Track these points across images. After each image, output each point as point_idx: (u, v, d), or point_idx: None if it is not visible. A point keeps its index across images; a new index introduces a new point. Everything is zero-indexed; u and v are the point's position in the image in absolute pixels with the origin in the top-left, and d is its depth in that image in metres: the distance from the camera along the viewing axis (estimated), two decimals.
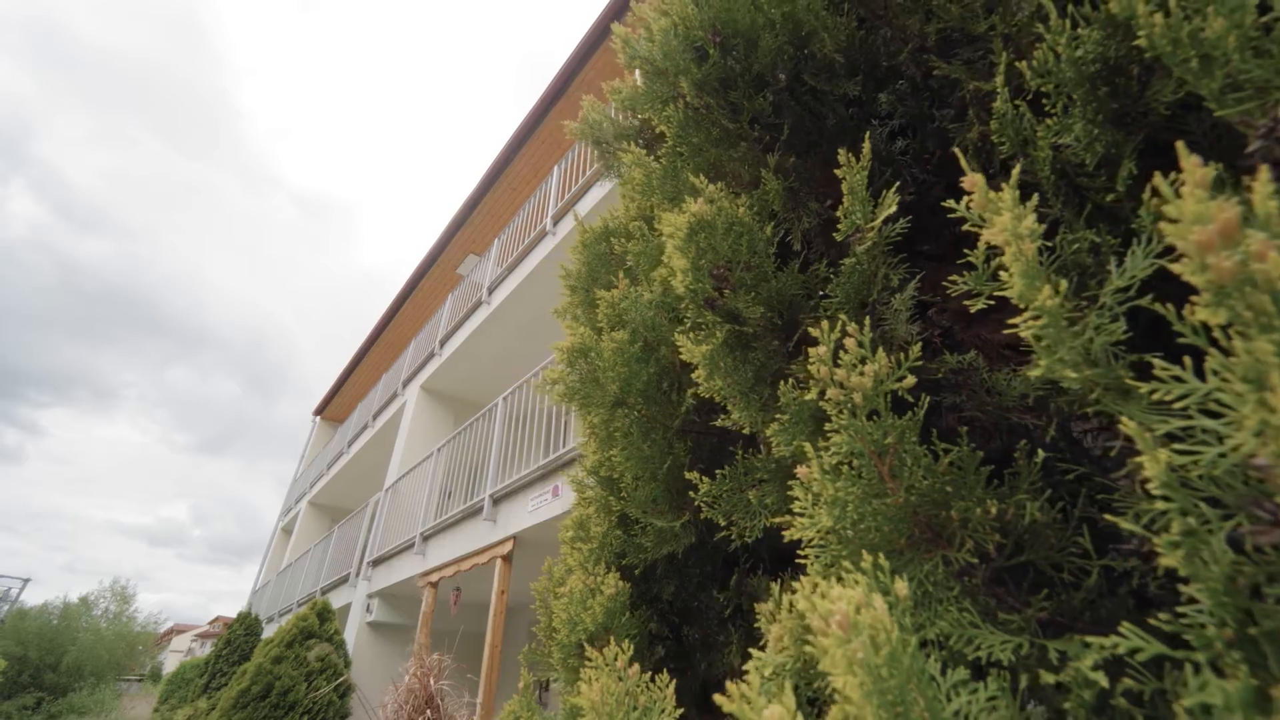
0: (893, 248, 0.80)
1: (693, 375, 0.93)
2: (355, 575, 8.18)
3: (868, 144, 0.77)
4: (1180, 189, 0.35)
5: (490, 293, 8.39)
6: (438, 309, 10.25)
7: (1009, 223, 0.46)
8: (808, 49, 1.09)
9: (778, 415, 0.75)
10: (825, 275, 0.91)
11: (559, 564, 1.56)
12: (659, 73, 1.08)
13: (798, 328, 0.90)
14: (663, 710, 0.84)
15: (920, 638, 0.51)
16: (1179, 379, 0.41)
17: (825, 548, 0.61)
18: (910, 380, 0.64)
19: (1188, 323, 0.40)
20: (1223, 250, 0.35)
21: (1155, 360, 0.50)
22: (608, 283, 1.66)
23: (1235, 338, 0.37)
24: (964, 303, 1.06)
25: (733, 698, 0.40)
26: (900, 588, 0.48)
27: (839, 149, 1.16)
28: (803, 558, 1.25)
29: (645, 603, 1.33)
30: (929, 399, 0.64)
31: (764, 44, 1.07)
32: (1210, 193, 0.36)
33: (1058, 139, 0.62)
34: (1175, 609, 0.53)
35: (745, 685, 0.41)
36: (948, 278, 1.02)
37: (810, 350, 0.63)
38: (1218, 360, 0.38)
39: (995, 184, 0.89)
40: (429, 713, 4.40)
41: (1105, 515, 0.53)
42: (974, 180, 0.52)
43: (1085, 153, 0.61)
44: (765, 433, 0.85)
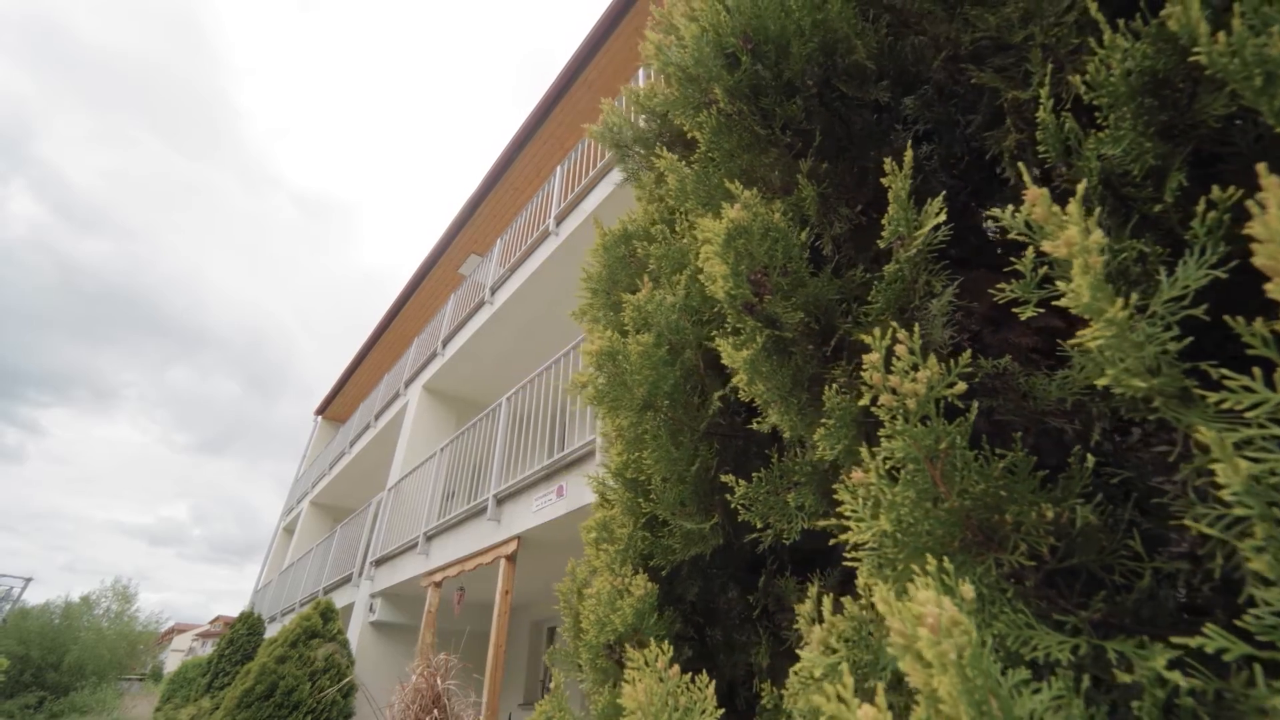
0: (936, 254, 0.82)
1: (734, 380, 0.94)
2: (358, 575, 8.19)
3: (909, 151, 0.78)
4: (1267, 208, 0.37)
5: (493, 293, 8.40)
6: (440, 309, 10.26)
7: (1077, 236, 0.47)
8: (838, 55, 1.10)
9: (823, 420, 0.76)
10: (861, 280, 0.93)
11: (582, 564, 1.57)
12: (691, 79, 1.09)
13: (834, 332, 0.91)
14: (703, 710, 0.85)
15: (980, 638, 0.53)
16: (1248, 389, 0.42)
17: (879, 550, 0.63)
18: (961, 386, 0.65)
19: (1257, 334, 0.41)
20: None
21: (1212, 369, 0.51)
22: (629, 285, 1.67)
23: None
24: (992, 307, 1.07)
25: (829, 698, 0.42)
26: (966, 590, 0.49)
27: (867, 154, 1.18)
28: (826, 560, 1.27)
29: (669, 604, 1.34)
30: (978, 404, 0.66)
31: (795, 50, 1.08)
32: None
33: (1105, 150, 0.63)
34: (1221, 611, 0.54)
35: (841, 686, 0.42)
36: (980, 284, 1.04)
37: (865, 357, 0.65)
38: None
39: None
40: (436, 712, 4.41)
41: (1170, 520, 0.54)
42: (1036, 194, 0.54)
43: (1134, 164, 0.62)
44: (809, 437, 0.87)
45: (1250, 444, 0.47)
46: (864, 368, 0.65)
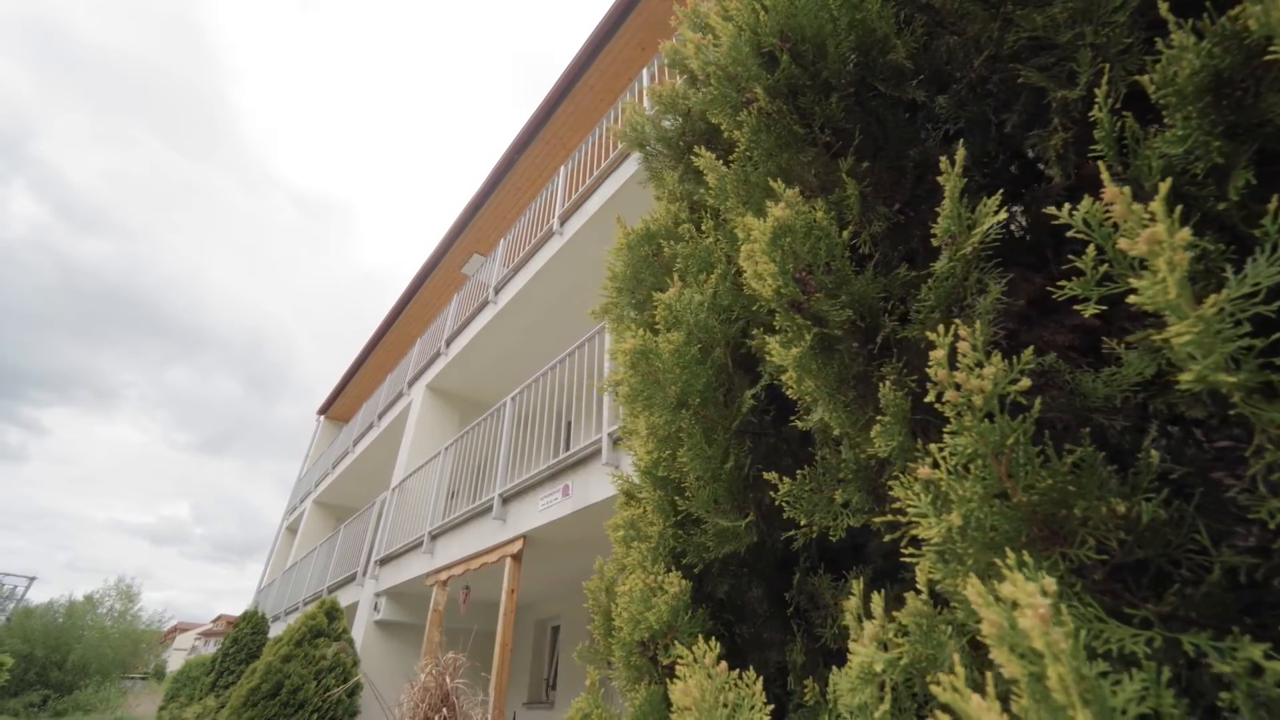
0: (991, 252, 0.82)
1: (782, 377, 0.95)
2: (362, 574, 8.19)
3: (961, 150, 0.79)
4: None
5: (497, 292, 8.40)
6: (443, 309, 10.26)
7: (1163, 234, 0.48)
8: (874, 54, 1.11)
9: (879, 417, 0.77)
10: (905, 279, 0.93)
11: (610, 562, 1.57)
12: (730, 77, 1.09)
13: (879, 330, 0.92)
14: (751, 706, 0.86)
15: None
16: None
17: (946, 546, 0.63)
18: (1025, 382, 0.66)
19: None
20: None
21: None
22: (653, 284, 1.67)
23: None
24: (1027, 305, 1.08)
25: (944, 687, 0.42)
26: (1049, 584, 0.50)
27: (903, 153, 1.18)
28: (853, 558, 1.27)
29: (699, 602, 1.34)
30: (1040, 401, 0.66)
31: (832, 50, 1.08)
32: None
33: (1169, 149, 0.63)
34: None
35: (954, 677, 0.42)
36: (1015, 282, 1.04)
37: (932, 354, 0.65)
38: None
39: (1091, 190, 0.91)
40: (445, 710, 4.42)
41: (1241, 515, 0.55)
42: (1115, 192, 0.54)
43: (1198, 162, 0.63)
44: (856, 434, 0.87)
45: None
46: (929, 364, 0.65)
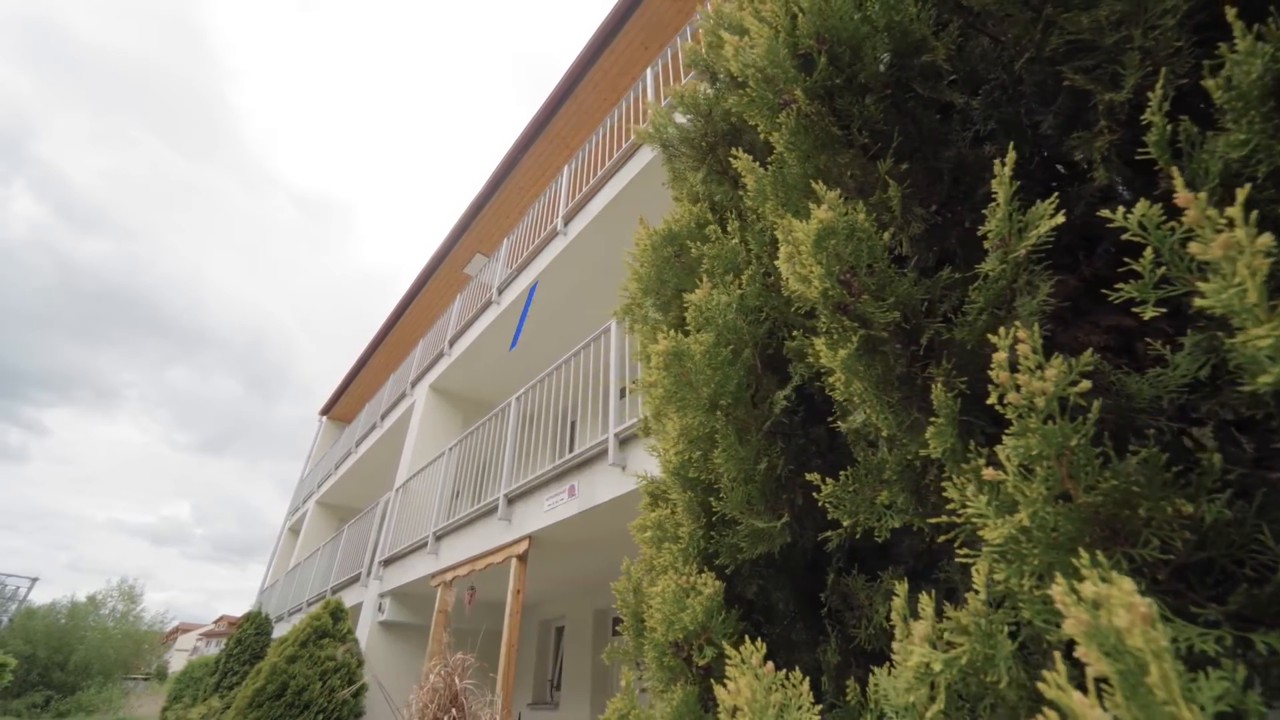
0: (1043, 255, 0.83)
1: (830, 379, 0.95)
2: (366, 575, 8.18)
3: (1012, 153, 0.79)
4: None
5: (500, 293, 8.40)
6: (446, 309, 10.25)
7: (1243, 239, 0.48)
8: (909, 56, 1.11)
9: (933, 419, 0.77)
10: (948, 280, 0.94)
11: (638, 563, 1.58)
12: (768, 79, 1.10)
13: (921, 332, 0.92)
14: (799, 706, 0.86)
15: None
16: None
17: (1011, 547, 0.64)
18: (1085, 384, 0.66)
19: None
20: None
21: None
22: (676, 285, 1.68)
23: None
24: (1060, 306, 1.08)
25: (1050, 684, 0.43)
26: (1126, 584, 0.50)
27: (939, 155, 1.19)
28: (879, 559, 1.27)
29: (730, 603, 1.35)
30: (1099, 403, 0.67)
31: (868, 52, 1.09)
32: None
33: (1231, 153, 0.64)
34: None
35: (1057, 674, 0.43)
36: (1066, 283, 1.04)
37: (994, 356, 0.66)
38: None
39: (1130, 193, 0.91)
40: (454, 711, 4.42)
41: None
42: (1188, 198, 0.55)
43: (1260, 165, 0.63)
44: (901, 435, 0.88)
45: None
46: (990, 367, 0.66)
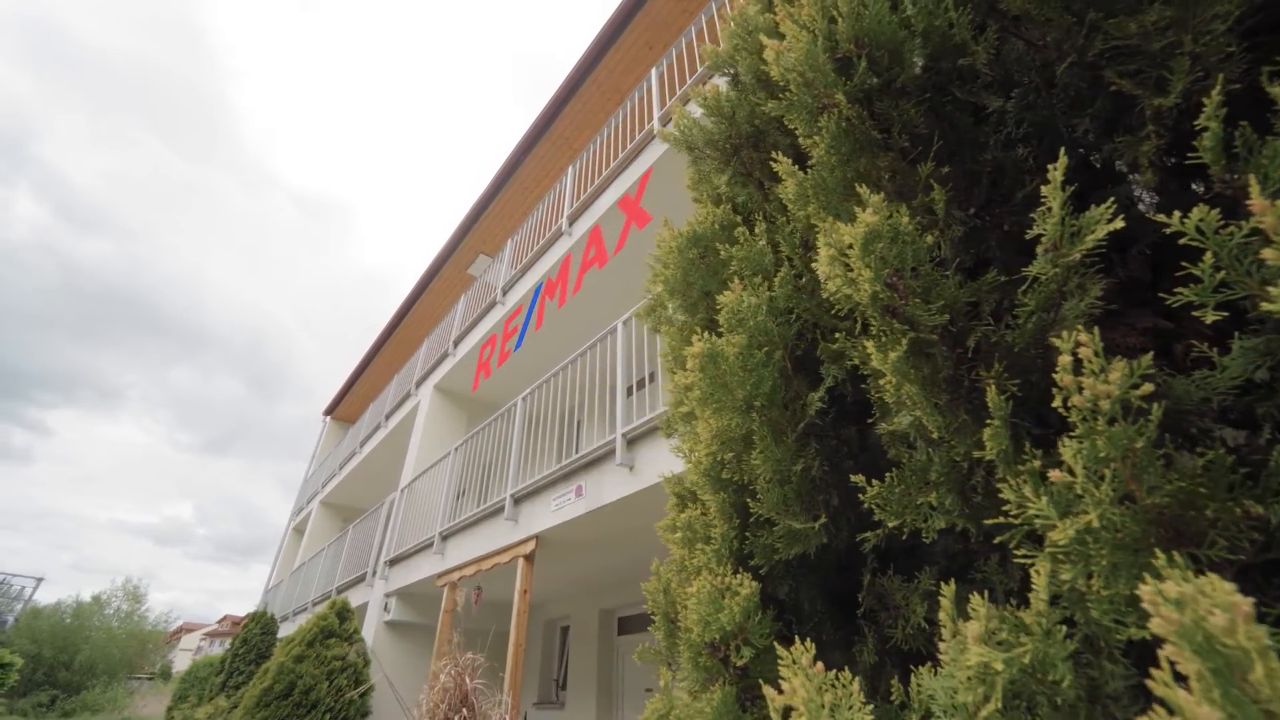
0: (1098, 257, 0.83)
1: (880, 381, 0.96)
2: (372, 575, 8.19)
3: (1063, 158, 0.80)
4: None
5: (504, 293, 8.40)
6: (450, 309, 10.25)
7: None
8: (945, 60, 1.12)
9: (989, 421, 0.78)
10: (993, 283, 0.94)
11: (667, 564, 1.58)
12: (806, 84, 1.10)
13: (969, 334, 0.93)
14: (850, 706, 0.87)
15: None
16: None
17: (1075, 549, 0.64)
18: (1147, 387, 0.67)
19: None
20: None
21: None
22: (703, 286, 1.69)
23: None
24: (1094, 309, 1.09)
25: (1159, 682, 0.44)
26: (1222, 583, 0.51)
27: (977, 158, 1.19)
28: (909, 560, 1.28)
29: (765, 603, 1.36)
30: (1161, 405, 0.67)
31: (907, 55, 1.10)
32: None
33: None
34: None
35: (1164, 673, 0.44)
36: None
37: (1059, 359, 0.66)
38: None
39: (1177, 198, 0.92)
40: (464, 711, 4.43)
41: None
42: (1264, 204, 0.56)
43: None
44: (949, 437, 0.88)
45: None
46: (1055, 369, 0.67)
